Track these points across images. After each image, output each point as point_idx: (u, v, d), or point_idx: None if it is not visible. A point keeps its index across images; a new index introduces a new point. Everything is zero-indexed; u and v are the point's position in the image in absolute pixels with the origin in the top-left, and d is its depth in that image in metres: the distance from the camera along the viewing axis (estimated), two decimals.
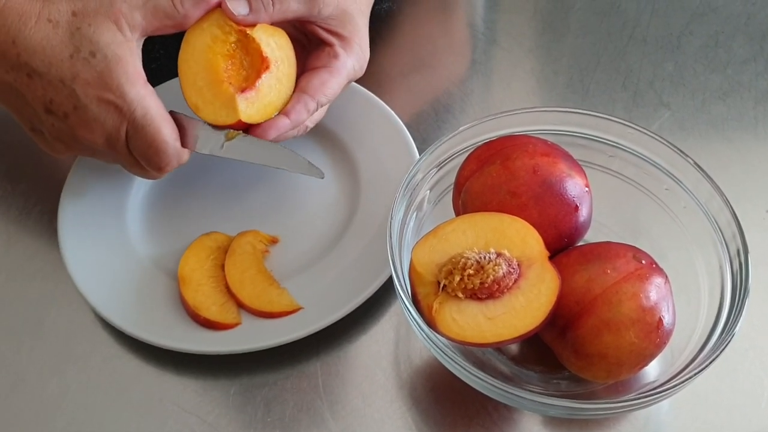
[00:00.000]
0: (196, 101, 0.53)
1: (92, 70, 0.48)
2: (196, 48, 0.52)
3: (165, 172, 0.54)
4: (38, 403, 0.53)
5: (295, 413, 0.52)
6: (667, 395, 0.43)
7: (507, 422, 0.51)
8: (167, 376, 0.54)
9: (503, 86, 0.72)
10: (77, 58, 0.48)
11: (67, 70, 0.48)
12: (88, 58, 0.48)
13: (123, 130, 0.50)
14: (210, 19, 0.52)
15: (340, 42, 0.56)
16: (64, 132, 0.50)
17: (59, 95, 0.48)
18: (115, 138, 0.50)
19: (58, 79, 0.48)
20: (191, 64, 0.52)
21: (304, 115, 0.55)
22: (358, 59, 0.58)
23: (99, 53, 0.48)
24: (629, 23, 0.76)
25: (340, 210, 0.61)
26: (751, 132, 0.67)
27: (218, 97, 0.52)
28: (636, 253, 0.47)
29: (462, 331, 0.44)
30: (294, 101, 0.55)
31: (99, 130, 0.49)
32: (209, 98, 0.52)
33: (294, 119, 0.54)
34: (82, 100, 0.48)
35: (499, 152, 0.50)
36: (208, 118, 0.53)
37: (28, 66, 0.48)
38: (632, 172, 0.54)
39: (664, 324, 0.45)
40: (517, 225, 0.47)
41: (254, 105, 0.53)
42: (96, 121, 0.49)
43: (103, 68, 0.48)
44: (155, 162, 0.52)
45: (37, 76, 0.48)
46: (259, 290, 0.55)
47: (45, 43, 0.48)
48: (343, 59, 0.56)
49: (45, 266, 0.60)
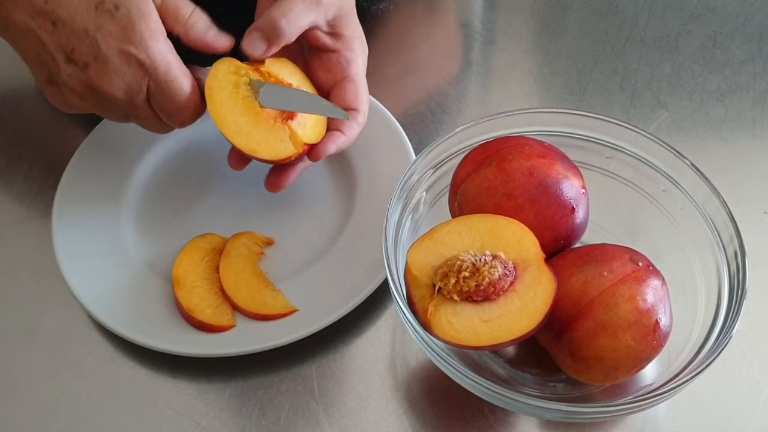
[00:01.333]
0: (252, 147, 0.53)
1: (116, 23, 0.49)
2: (225, 99, 0.52)
3: (186, 125, 0.54)
4: (33, 407, 0.53)
5: (291, 416, 0.51)
6: (664, 398, 0.43)
7: (503, 425, 0.51)
8: (162, 379, 0.54)
9: (500, 87, 0.72)
10: (102, 10, 0.49)
11: (92, 21, 0.48)
12: (112, 10, 0.49)
13: (144, 84, 0.51)
14: (219, 75, 0.53)
15: (343, 44, 0.56)
16: (82, 83, 0.50)
17: (82, 44, 0.49)
18: (135, 91, 0.51)
19: (82, 28, 0.49)
20: (228, 115, 0.52)
21: (357, 129, 0.56)
22: (364, 53, 0.58)
23: (123, 7, 0.49)
24: (627, 24, 0.76)
25: (336, 211, 0.61)
26: (749, 133, 0.66)
27: (272, 134, 0.53)
28: (633, 255, 0.47)
29: (457, 333, 0.43)
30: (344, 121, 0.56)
31: (119, 82, 0.50)
32: (263, 139, 0.53)
33: (350, 135, 0.56)
34: (103, 51, 0.49)
35: (495, 154, 0.50)
36: (272, 156, 0.53)
37: (53, 13, 0.49)
38: (629, 174, 0.54)
39: (660, 326, 0.44)
40: (513, 227, 0.46)
41: (306, 128, 0.54)
42: (116, 73, 0.50)
43: (126, 22, 0.49)
44: (178, 117, 0.53)
45: (62, 24, 0.49)
46: (254, 292, 0.55)
47: None
48: (354, 62, 0.57)
49: (39, 269, 0.59)
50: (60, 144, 0.68)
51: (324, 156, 0.55)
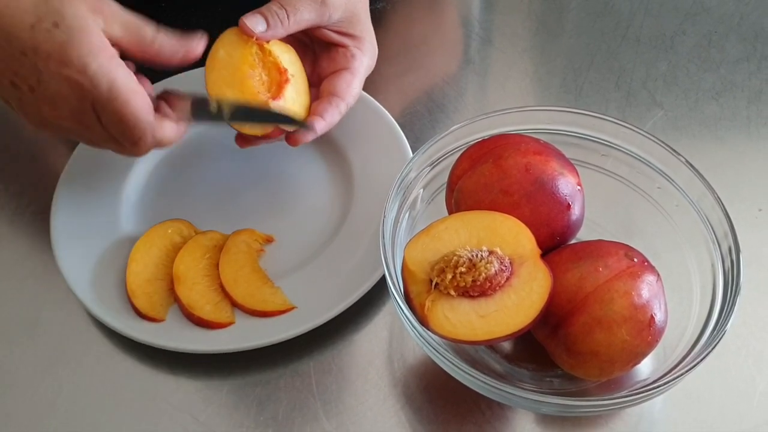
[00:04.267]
0: None
1: (53, 41, 0.44)
2: (221, 67, 0.53)
3: (141, 147, 0.50)
4: (32, 403, 0.53)
5: (289, 412, 0.52)
6: (659, 392, 0.43)
7: (500, 420, 0.51)
8: (160, 375, 0.54)
9: (497, 86, 0.72)
10: (38, 29, 0.44)
11: (28, 41, 0.44)
12: (50, 28, 0.44)
13: (88, 105, 0.47)
14: (226, 40, 0.54)
15: (353, 42, 0.58)
16: (31, 107, 0.48)
17: (22, 69, 0.45)
18: (81, 113, 0.47)
19: (19, 51, 0.45)
20: (220, 82, 0.53)
21: (337, 116, 0.57)
22: (372, 56, 0.59)
23: (63, 24, 0.45)
24: (622, 23, 0.76)
25: (334, 209, 0.61)
26: (744, 131, 0.67)
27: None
28: (628, 251, 0.47)
29: (454, 329, 0.44)
30: (326, 103, 0.56)
31: (63, 106, 0.47)
32: None
33: (329, 120, 0.56)
34: (44, 74, 0.45)
35: (491, 151, 0.50)
36: (245, 129, 0.54)
37: None
38: (625, 171, 0.55)
39: (655, 321, 0.45)
40: (509, 223, 0.47)
41: (286, 112, 0.55)
42: (59, 97, 0.46)
43: (65, 39, 0.44)
44: (129, 136, 0.49)
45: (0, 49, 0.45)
46: (253, 289, 0.55)
47: (6, 11, 0.44)
48: (359, 58, 0.58)
49: (38, 267, 0.60)
50: (58, 143, 0.68)
51: (300, 143, 0.56)
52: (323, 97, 0.57)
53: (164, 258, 0.57)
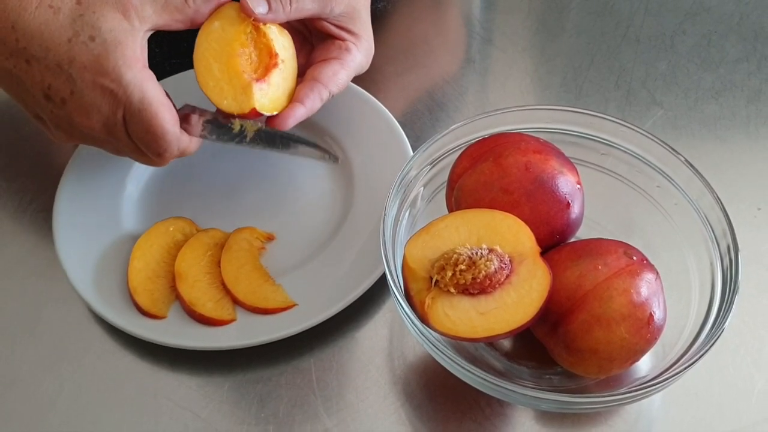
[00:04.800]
0: (211, 89, 0.53)
1: (89, 53, 0.47)
2: (212, 39, 0.53)
3: (166, 159, 0.53)
4: (33, 401, 0.53)
5: (289, 408, 0.52)
6: (657, 389, 0.43)
7: (499, 417, 0.51)
8: (162, 372, 0.54)
9: (498, 85, 0.72)
10: (75, 42, 0.47)
11: (65, 54, 0.47)
12: (86, 42, 0.47)
13: (120, 114, 0.49)
14: (224, 13, 0.53)
15: (351, 37, 0.58)
16: (62, 119, 0.50)
17: (57, 81, 0.48)
18: (112, 123, 0.49)
19: (56, 63, 0.47)
20: (208, 54, 0.53)
21: (318, 103, 0.56)
22: (367, 54, 0.59)
23: (98, 38, 0.47)
24: (623, 23, 0.76)
25: (335, 207, 0.61)
26: (743, 131, 0.67)
27: (234, 86, 0.53)
28: (627, 250, 0.47)
29: (454, 326, 0.44)
30: (308, 89, 0.56)
31: (96, 115, 0.49)
32: (226, 87, 0.53)
33: (309, 107, 0.55)
34: (78, 85, 0.48)
35: (491, 149, 0.51)
36: (223, 105, 0.53)
37: (26, 51, 0.48)
38: (624, 170, 0.55)
39: (654, 319, 0.45)
40: (509, 221, 0.47)
41: (267, 96, 0.54)
42: (92, 107, 0.48)
43: (101, 52, 0.47)
44: (154, 147, 0.51)
45: (35, 62, 0.48)
46: (254, 286, 0.55)
47: (44, 27, 0.47)
48: (354, 53, 0.58)
49: (40, 264, 0.60)
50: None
51: (283, 128, 0.55)
52: (305, 82, 0.57)
53: (166, 255, 0.57)
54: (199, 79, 0.53)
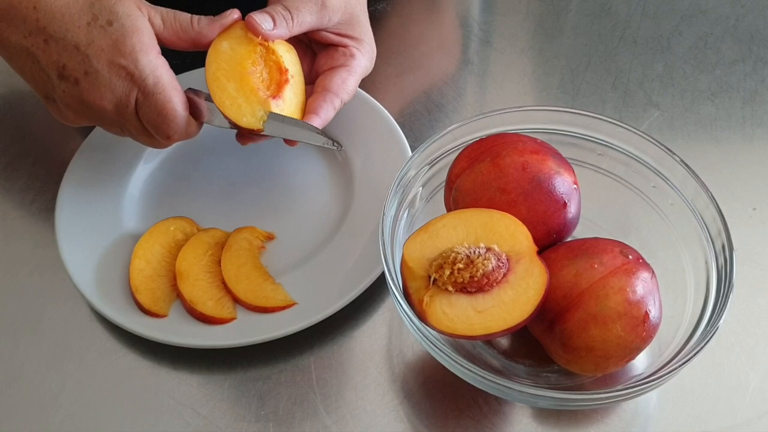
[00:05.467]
0: (228, 108, 0.54)
1: (108, 37, 0.49)
2: (223, 59, 0.54)
3: (173, 141, 0.55)
4: (36, 398, 0.54)
5: (289, 406, 0.53)
6: (653, 387, 0.44)
7: (497, 415, 0.52)
8: (163, 370, 0.55)
9: (496, 86, 0.73)
10: (94, 26, 0.49)
11: (83, 37, 0.49)
12: (104, 26, 0.49)
13: (133, 96, 0.51)
14: (232, 33, 0.54)
15: (353, 42, 0.58)
16: (74, 98, 0.51)
17: (72, 61, 0.50)
18: (124, 104, 0.51)
19: (73, 44, 0.49)
20: (220, 74, 0.54)
21: (332, 112, 0.57)
22: (370, 58, 0.60)
23: (116, 22, 0.50)
24: (620, 25, 0.77)
25: (334, 207, 0.62)
26: (739, 132, 0.68)
27: (252, 103, 0.54)
28: (623, 249, 0.48)
29: (452, 324, 0.45)
30: (320, 100, 0.57)
31: (108, 95, 0.51)
32: (243, 105, 0.54)
33: (324, 117, 0.57)
34: (94, 66, 0.49)
35: (489, 150, 0.51)
36: (243, 122, 0.54)
37: (45, 31, 0.49)
38: (621, 170, 0.55)
39: (650, 318, 0.46)
40: (506, 221, 0.47)
41: (283, 111, 0.56)
42: (106, 87, 0.50)
43: (119, 36, 0.49)
44: (164, 130, 0.53)
45: (53, 42, 0.49)
46: (255, 285, 0.56)
47: (64, 10, 0.49)
48: (358, 58, 0.59)
49: (42, 262, 0.61)
50: (63, 140, 0.69)
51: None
52: (317, 93, 0.58)
53: (167, 255, 0.58)
54: (215, 99, 0.54)
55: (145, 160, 0.65)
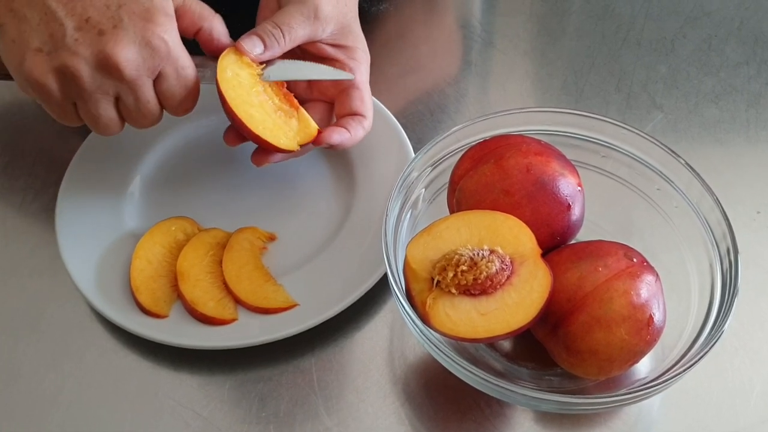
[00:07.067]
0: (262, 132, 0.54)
1: (139, 5, 0.49)
2: (231, 87, 0.53)
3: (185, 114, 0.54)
4: (35, 398, 0.54)
5: (290, 408, 0.52)
6: (657, 391, 0.44)
7: (499, 418, 0.51)
8: (163, 371, 0.54)
9: (498, 87, 0.73)
10: None
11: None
12: None
13: (159, 67, 0.50)
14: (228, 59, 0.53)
15: (346, 54, 0.58)
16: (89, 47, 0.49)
17: (101, 15, 0.49)
18: (146, 69, 0.50)
19: (103, 3, 0.49)
20: (238, 102, 0.53)
21: (362, 133, 0.57)
22: (367, 63, 0.59)
23: None
24: (623, 26, 0.77)
25: (336, 208, 0.62)
26: (743, 134, 0.67)
27: (277, 122, 0.54)
28: (627, 251, 0.47)
29: (455, 326, 0.44)
30: (351, 121, 0.57)
31: (133, 55, 0.49)
32: (272, 127, 0.54)
33: (354, 135, 0.57)
34: (125, 23, 0.49)
35: (493, 151, 0.51)
36: (281, 144, 0.54)
37: None
38: (625, 173, 0.55)
39: (654, 321, 0.45)
40: (510, 223, 0.47)
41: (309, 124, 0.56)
42: (134, 46, 0.49)
43: (150, 6, 0.49)
44: (186, 105, 0.53)
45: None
46: (256, 286, 0.56)
47: None
48: (359, 70, 0.58)
49: (42, 262, 0.60)
50: (63, 140, 0.69)
51: (325, 143, 0.56)
52: (346, 118, 0.58)
53: (168, 255, 0.58)
54: (251, 129, 0.53)
55: (145, 160, 0.65)
